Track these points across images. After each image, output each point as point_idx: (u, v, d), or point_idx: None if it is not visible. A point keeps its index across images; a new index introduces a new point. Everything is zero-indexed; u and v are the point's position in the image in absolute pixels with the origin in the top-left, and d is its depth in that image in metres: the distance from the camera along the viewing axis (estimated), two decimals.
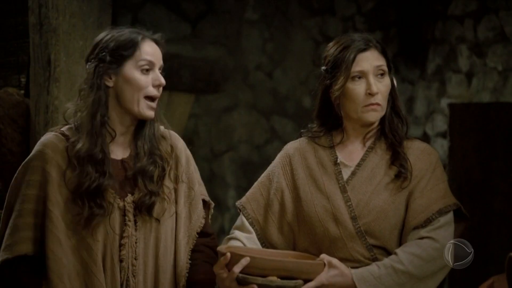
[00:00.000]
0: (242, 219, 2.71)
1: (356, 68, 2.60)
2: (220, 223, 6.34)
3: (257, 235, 2.68)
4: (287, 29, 6.66)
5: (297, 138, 2.80)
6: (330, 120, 2.68)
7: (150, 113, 2.60)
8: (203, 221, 2.71)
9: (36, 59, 3.81)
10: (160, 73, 2.62)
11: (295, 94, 6.70)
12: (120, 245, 2.58)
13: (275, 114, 6.73)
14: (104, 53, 2.58)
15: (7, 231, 2.56)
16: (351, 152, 2.65)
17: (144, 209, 2.59)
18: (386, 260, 2.52)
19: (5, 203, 2.62)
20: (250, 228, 2.69)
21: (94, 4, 3.82)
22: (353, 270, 2.50)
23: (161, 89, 2.62)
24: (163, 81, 2.61)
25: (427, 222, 2.54)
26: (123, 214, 2.59)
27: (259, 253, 2.57)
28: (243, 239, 2.66)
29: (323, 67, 2.70)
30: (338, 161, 2.64)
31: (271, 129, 6.74)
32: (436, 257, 2.51)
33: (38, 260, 2.56)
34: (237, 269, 2.44)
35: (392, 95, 2.65)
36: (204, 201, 2.75)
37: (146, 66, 2.59)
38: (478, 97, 5.45)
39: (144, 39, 2.61)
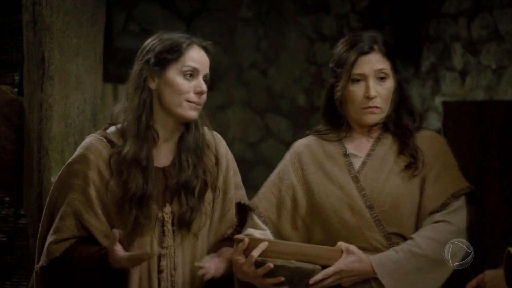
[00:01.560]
0: (253, 218, 2.69)
1: (357, 70, 2.62)
2: None
3: (271, 232, 2.67)
4: (281, 27, 6.66)
5: (294, 136, 2.82)
6: (336, 118, 2.71)
7: (193, 114, 2.58)
8: (230, 230, 2.67)
9: (30, 57, 3.80)
10: (205, 81, 2.61)
11: (289, 92, 6.70)
12: (160, 255, 2.55)
13: (270, 112, 6.73)
14: (149, 56, 2.57)
15: (50, 232, 2.55)
16: (359, 144, 2.68)
17: (184, 224, 2.56)
18: (404, 245, 2.53)
19: (47, 201, 2.62)
20: (264, 226, 2.68)
21: (88, 2, 3.81)
22: (371, 256, 2.51)
23: (203, 96, 2.59)
24: (205, 88, 2.59)
25: (443, 206, 2.57)
26: (162, 224, 2.56)
27: (278, 240, 2.58)
28: (257, 235, 2.65)
29: (330, 64, 2.71)
30: (347, 153, 2.66)
31: (265, 127, 6.74)
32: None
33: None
34: (256, 253, 2.46)
35: (400, 95, 2.67)
36: (244, 205, 2.71)
37: (190, 72, 2.58)
38: (472, 95, 5.45)
39: (191, 44, 2.62)
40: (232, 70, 6.60)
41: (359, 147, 2.67)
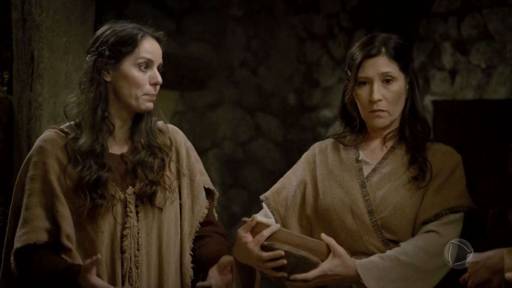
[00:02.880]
0: (264, 208, 2.77)
1: (362, 73, 2.63)
2: None
3: (276, 223, 2.69)
4: (272, 26, 6.66)
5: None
6: (351, 120, 2.71)
7: (149, 105, 2.63)
8: (205, 211, 2.74)
9: (19, 55, 3.79)
10: (159, 70, 2.64)
11: (279, 91, 6.71)
12: (122, 236, 2.60)
13: (260, 111, 6.73)
14: (103, 48, 2.60)
15: (19, 225, 2.59)
16: (373, 151, 2.68)
17: (146, 199, 2.62)
18: (391, 252, 2.53)
19: (11, 202, 2.66)
20: (270, 214, 2.73)
21: (78, 1, 3.80)
22: (357, 261, 2.51)
23: (158, 87, 2.63)
24: (160, 79, 2.62)
25: (436, 216, 2.56)
26: (125, 205, 2.61)
27: (288, 230, 2.59)
28: (263, 220, 2.68)
29: (346, 68, 2.72)
30: (359, 159, 2.67)
31: (255, 126, 6.74)
32: (440, 252, 2.53)
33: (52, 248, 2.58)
34: (266, 233, 2.49)
35: (411, 98, 2.67)
36: (209, 190, 2.77)
37: (145, 64, 2.61)
38: (462, 95, 5.46)
39: (144, 36, 2.62)
40: (223, 69, 6.60)
41: (372, 154, 2.68)
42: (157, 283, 2.65)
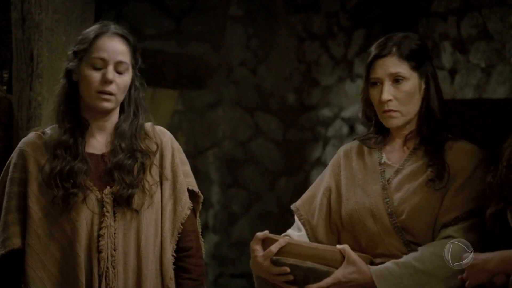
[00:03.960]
0: (296, 220, 2.76)
1: (372, 74, 2.63)
2: (204, 219, 6.33)
3: (307, 234, 2.71)
4: (271, 26, 6.66)
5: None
6: (376, 122, 2.70)
7: (104, 104, 2.64)
8: (187, 212, 2.74)
9: (18, 54, 3.79)
10: (120, 69, 2.64)
11: (279, 90, 6.70)
12: (99, 235, 2.61)
13: (259, 110, 6.73)
14: (73, 49, 2.69)
15: (0, 228, 2.64)
16: (396, 153, 2.67)
17: (122, 201, 2.63)
18: (407, 258, 2.51)
19: None
20: (302, 227, 2.73)
21: (78, 0, 3.80)
22: (372, 268, 2.50)
23: (112, 86, 2.63)
24: (110, 76, 2.62)
25: (456, 220, 2.54)
26: (102, 205, 2.63)
27: (299, 241, 2.60)
28: (294, 237, 2.70)
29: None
30: (382, 161, 2.66)
31: (255, 125, 6.74)
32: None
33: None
34: (274, 248, 2.51)
35: (426, 98, 2.65)
36: (193, 192, 2.77)
37: (98, 63, 2.63)
38: (461, 94, 5.46)
39: (100, 35, 2.65)
40: (222, 68, 6.60)
41: (395, 157, 2.67)
42: (135, 284, 2.65)
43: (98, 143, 2.69)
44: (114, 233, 2.63)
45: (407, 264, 2.50)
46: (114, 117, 2.71)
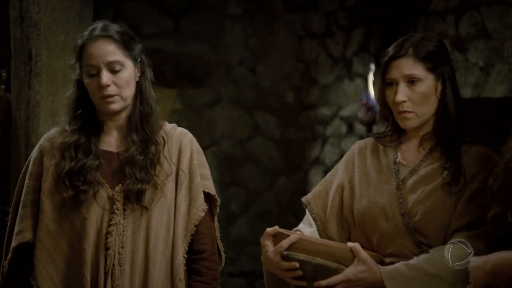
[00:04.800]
0: (307, 214, 2.75)
1: (388, 75, 2.62)
2: None
3: (318, 229, 2.70)
4: (270, 24, 6.66)
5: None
6: (393, 120, 2.69)
7: (110, 107, 2.65)
8: (201, 213, 2.73)
9: (17, 53, 3.79)
10: (114, 68, 2.63)
11: (278, 89, 6.70)
12: (107, 232, 2.62)
13: (258, 109, 6.73)
14: (73, 61, 2.73)
15: (16, 221, 2.69)
16: (411, 153, 2.66)
17: (132, 197, 2.63)
18: (418, 261, 2.50)
19: (14, 197, 2.75)
20: (313, 222, 2.72)
21: None
22: (382, 268, 2.49)
23: (110, 87, 2.63)
24: (102, 81, 2.62)
25: (469, 225, 2.52)
26: (112, 203, 2.64)
27: (310, 238, 2.59)
28: (306, 232, 2.69)
29: None
30: (397, 161, 2.65)
31: (254, 124, 6.74)
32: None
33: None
34: (285, 244, 2.51)
35: (443, 100, 2.64)
36: (210, 195, 2.77)
37: (92, 70, 2.64)
38: (460, 93, 5.46)
39: (86, 42, 2.66)
40: (221, 67, 6.60)
41: (410, 157, 2.65)
42: (141, 283, 2.65)
43: (114, 140, 2.71)
44: (123, 231, 2.63)
45: (417, 267, 2.48)
46: (128, 113, 2.72)
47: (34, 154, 2.72)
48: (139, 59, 2.70)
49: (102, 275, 2.61)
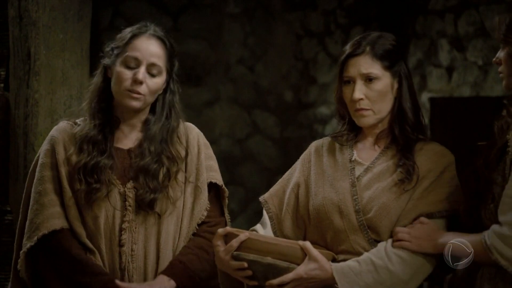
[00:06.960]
0: (263, 213, 2.77)
1: (345, 73, 2.64)
2: None
3: (274, 228, 2.72)
4: (268, 23, 6.66)
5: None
6: (349, 119, 2.71)
7: (131, 103, 2.66)
8: (205, 213, 2.77)
9: (15, 52, 3.78)
10: (152, 71, 2.68)
11: (276, 88, 6.71)
12: (121, 229, 2.64)
13: (257, 108, 6.73)
14: (109, 47, 2.72)
15: (34, 212, 2.65)
16: (367, 151, 2.68)
17: (144, 205, 2.65)
18: (368, 255, 2.53)
19: (24, 189, 2.74)
20: (268, 222, 2.74)
21: None
22: (333, 265, 2.51)
23: (142, 86, 2.66)
24: (141, 76, 2.65)
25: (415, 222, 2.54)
26: (124, 199, 2.65)
27: (261, 237, 2.59)
28: (260, 232, 2.70)
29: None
30: (353, 159, 2.66)
31: (252, 123, 6.74)
32: (412, 262, 2.51)
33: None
34: (235, 243, 2.51)
35: (399, 98, 2.65)
36: (216, 185, 2.80)
37: (132, 62, 2.66)
38: (459, 92, 5.47)
39: (137, 35, 2.69)
40: (219, 66, 6.60)
41: (366, 155, 2.67)
42: (153, 279, 2.66)
43: (126, 138, 2.72)
44: (135, 228, 2.65)
45: (366, 260, 2.51)
46: (144, 115, 2.73)
47: (45, 146, 2.71)
48: (172, 75, 2.82)
49: (118, 272, 2.63)
